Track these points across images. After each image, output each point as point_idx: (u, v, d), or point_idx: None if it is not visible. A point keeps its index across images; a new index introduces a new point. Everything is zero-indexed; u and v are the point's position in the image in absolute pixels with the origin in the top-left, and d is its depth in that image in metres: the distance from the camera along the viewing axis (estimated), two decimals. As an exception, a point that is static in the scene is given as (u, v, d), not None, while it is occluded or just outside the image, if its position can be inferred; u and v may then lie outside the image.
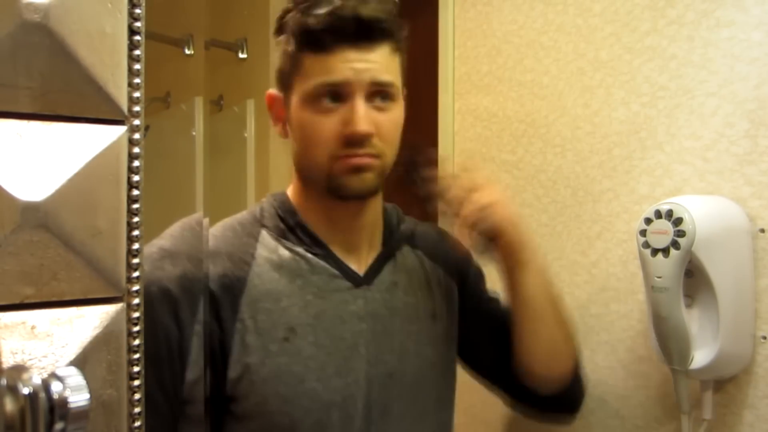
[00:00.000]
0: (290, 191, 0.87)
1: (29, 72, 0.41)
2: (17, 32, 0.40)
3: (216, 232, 0.83)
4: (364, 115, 0.76)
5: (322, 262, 0.81)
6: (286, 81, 0.81)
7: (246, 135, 2.05)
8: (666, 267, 0.87)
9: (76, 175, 0.42)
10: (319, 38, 0.76)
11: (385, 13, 0.77)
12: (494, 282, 0.95)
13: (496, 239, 0.82)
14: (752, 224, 0.88)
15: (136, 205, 0.45)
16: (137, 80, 0.45)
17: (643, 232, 0.90)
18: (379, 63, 0.77)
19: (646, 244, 0.89)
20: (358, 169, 0.77)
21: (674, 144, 0.98)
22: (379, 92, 0.78)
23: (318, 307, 0.79)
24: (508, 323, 0.89)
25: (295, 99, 0.79)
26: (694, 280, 0.89)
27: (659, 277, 0.88)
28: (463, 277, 0.96)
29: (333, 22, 0.75)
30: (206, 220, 0.82)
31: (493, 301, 0.97)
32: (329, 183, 0.79)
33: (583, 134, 1.12)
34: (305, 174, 0.83)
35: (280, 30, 0.82)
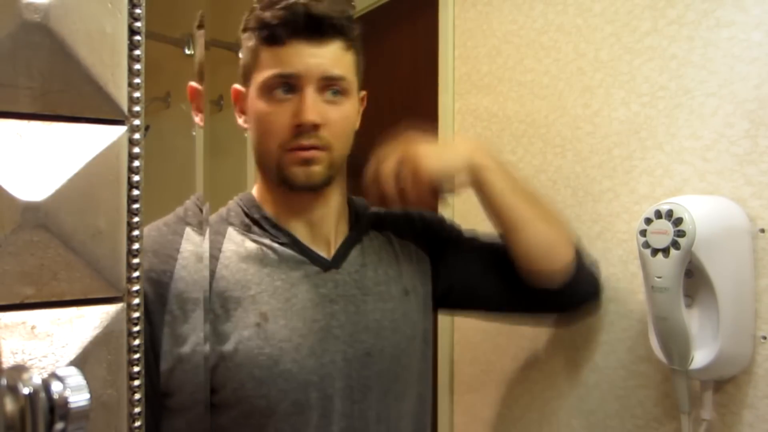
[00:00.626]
0: (255, 188, 0.91)
1: (29, 72, 0.41)
2: (17, 32, 0.40)
3: (180, 232, 0.86)
4: (312, 106, 0.80)
5: (288, 250, 0.84)
6: (246, 75, 0.86)
7: (246, 135, 2.05)
8: (666, 267, 0.87)
9: (77, 175, 0.42)
10: (274, 32, 0.81)
11: (337, 12, 0.82)
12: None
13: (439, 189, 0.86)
14: (752, 224, 0.88)
15: (136, 205, 0.45)
16: (137, 80, 0.45)
17: (643, 232, 0.90)
18: (330, 58, 0.82)
19: (646, 244, 0.89)
20: (306, 162, 0.81)
21: (674, 144, 0.98)
22: (330, 86, 0.82)
23: (288, 292, 0.81)
24: (498, 246, 0.94)
25: (252, 91, 0.84)
26: (694, 280, 0.89)
27: (659, 277, 0.88)
28: (435, 242, 0.98)
29: (287, 16, 0.80)
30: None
31: (474, 239, 1.01)
32: (279, 173, 0.82)
33: (583, 134, 1.12)
34: (261, 164, 0.87)
35: (244, 28, 0.86)
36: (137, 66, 0.45)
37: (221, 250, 0.83)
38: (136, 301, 0.46)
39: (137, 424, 0.45)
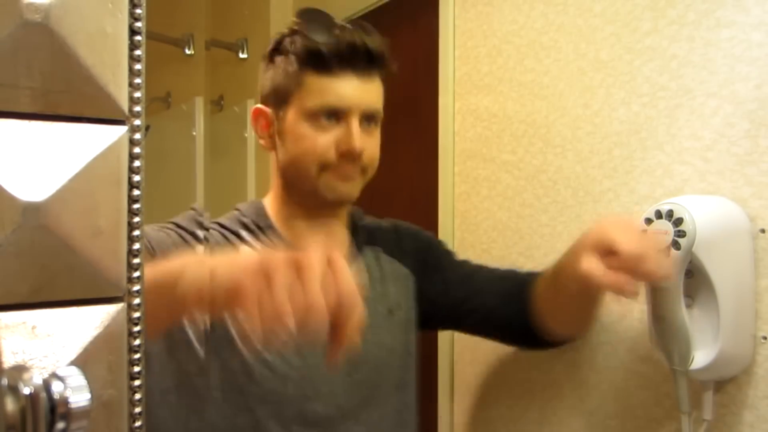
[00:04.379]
0: (268, 199, 0.95)
1: (30, 72, 0.41)
2: (18, 32, 0.40)
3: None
4: (358, 136, 0.85)
5: None
6: (281, 97, 0.87)
7: (246, 135, 2.05)
8: (666, 267, 0.87)
9: (77, 175, 0.42)
10: (326, 61, 0.84)
11: (383, 47, 0.87)
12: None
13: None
14: (753, 224, 0.88)
15: (136, 205, 0.45)
16: (138, 80, 0.45)
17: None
18: (375, 93, 0.88)
19: (647, 245, 0.89)
20: (347, 178, 0.87)
21: (674, 144, 0.98)
22: (368, 118, 0.88)
23: None
24: (492, 272, 0.98)
25: (291, 114, 0.87)
26: (695, 280, 0.89)
27: (659, 278, 0.88)
28: (422, 262, 1.02)
29: (343, 48, 0.84)
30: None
31: (465, 262, 1.05)
32: (317, 188, 0.87)
33: (584, 134, 1.12)
34: (292, 181, 0.90)
35: (277, 51, 0.88)
36: (138, 66, 0.45)
37: (236, 246, 0.88)
38: (137, 300, 0.46)
39: (138, 424, 0.45)
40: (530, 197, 1.22)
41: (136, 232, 0.45)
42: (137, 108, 0.45)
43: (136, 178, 0.45)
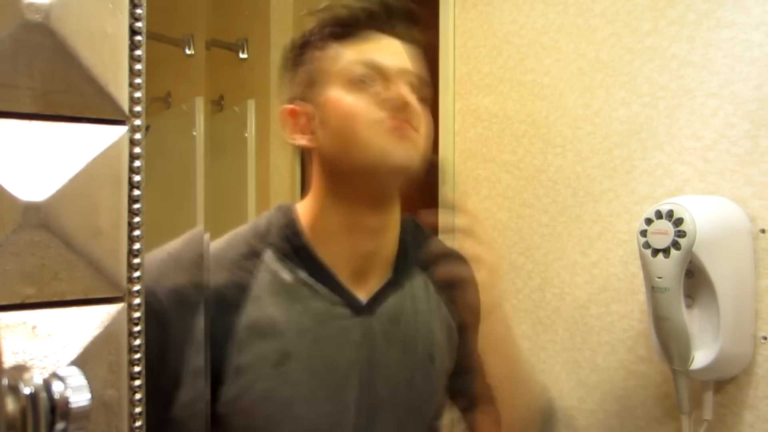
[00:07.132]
0: (304, 207, 0.83)
1: (30, 72, 0.41)
2: (18, 32, 0.40)
3: (218, 246, 0.81)
4: (404, 89, 0.77)
5: (324, 289, 0.79)
6: (318, 82, 0.80)
7: (246, 135, 2.05)
8: (666, 267, 0.87)
9: (78, 175, 0.42)
10: (358, 24, 0.79)
11: (411, 10, 0.83)
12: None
13: (456, 289, 0.80)
14: (753, 225, 0.88)
15: (137, 205, 0.45)
16: (138, 80, 0.45)
17: (643, 233, 0.90)
18: (409, 55, 0.81)
19: (647, 245, 0.89)
20: (404, 136, 0.76)
21: (675, 144, 0.98)
22: (414, 87, 0.79)
23: (315, 334, 0.77)
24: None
25: (332, 92, 0.78)
26: (695, 280, 0.89)
27: (660, 278, 0.88)
28: (461, 321, 0.90)
29: (373, 8, 0.79)
30: (207, 236, 0.80)
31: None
32: (374, 155, 0.75)
33: (584, 134, 1.12)
34: (343, 170, 0.79)
35: (307, 46, 0.82)
36: (138, 66, 0.45)
37: (254, 276, 0.78)
38: (137, 301, 0.45)
39: (138, 424, 0.45)
40: (530, 197, 1.22)
41: (136, 232, 0.45)
42: (137, 108, 0.45)
43: (137, 178, 0.45)
